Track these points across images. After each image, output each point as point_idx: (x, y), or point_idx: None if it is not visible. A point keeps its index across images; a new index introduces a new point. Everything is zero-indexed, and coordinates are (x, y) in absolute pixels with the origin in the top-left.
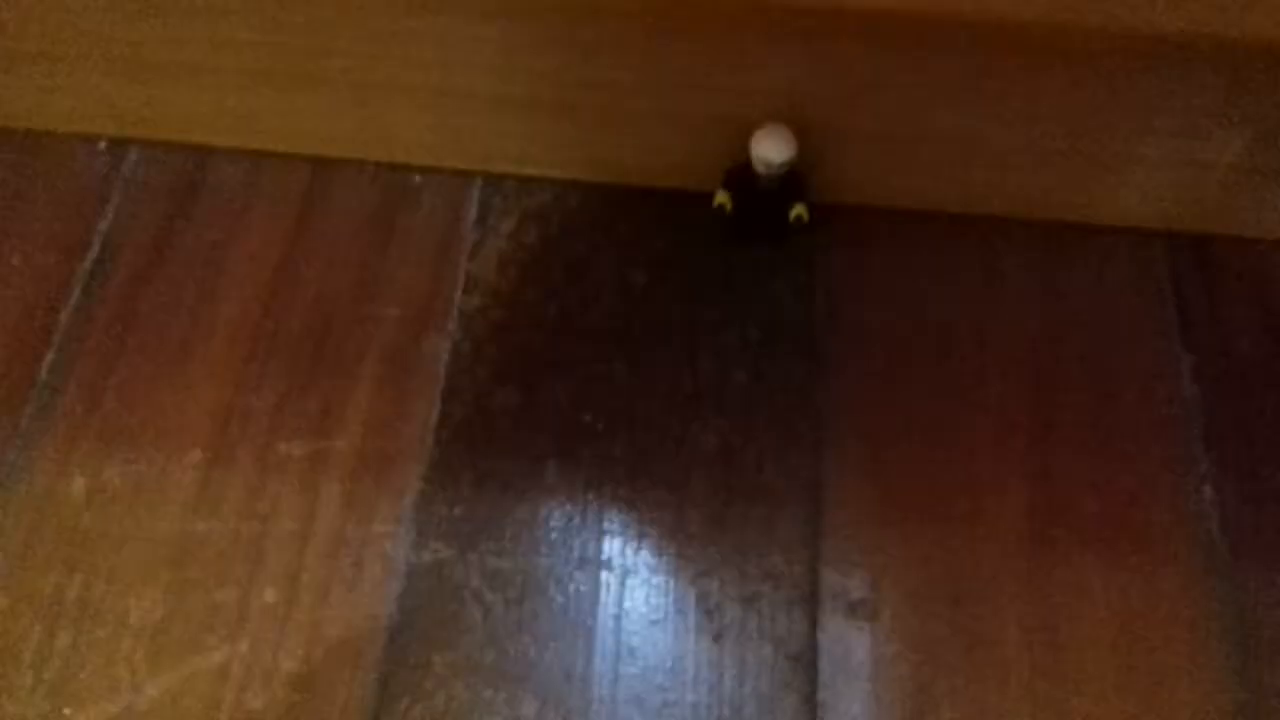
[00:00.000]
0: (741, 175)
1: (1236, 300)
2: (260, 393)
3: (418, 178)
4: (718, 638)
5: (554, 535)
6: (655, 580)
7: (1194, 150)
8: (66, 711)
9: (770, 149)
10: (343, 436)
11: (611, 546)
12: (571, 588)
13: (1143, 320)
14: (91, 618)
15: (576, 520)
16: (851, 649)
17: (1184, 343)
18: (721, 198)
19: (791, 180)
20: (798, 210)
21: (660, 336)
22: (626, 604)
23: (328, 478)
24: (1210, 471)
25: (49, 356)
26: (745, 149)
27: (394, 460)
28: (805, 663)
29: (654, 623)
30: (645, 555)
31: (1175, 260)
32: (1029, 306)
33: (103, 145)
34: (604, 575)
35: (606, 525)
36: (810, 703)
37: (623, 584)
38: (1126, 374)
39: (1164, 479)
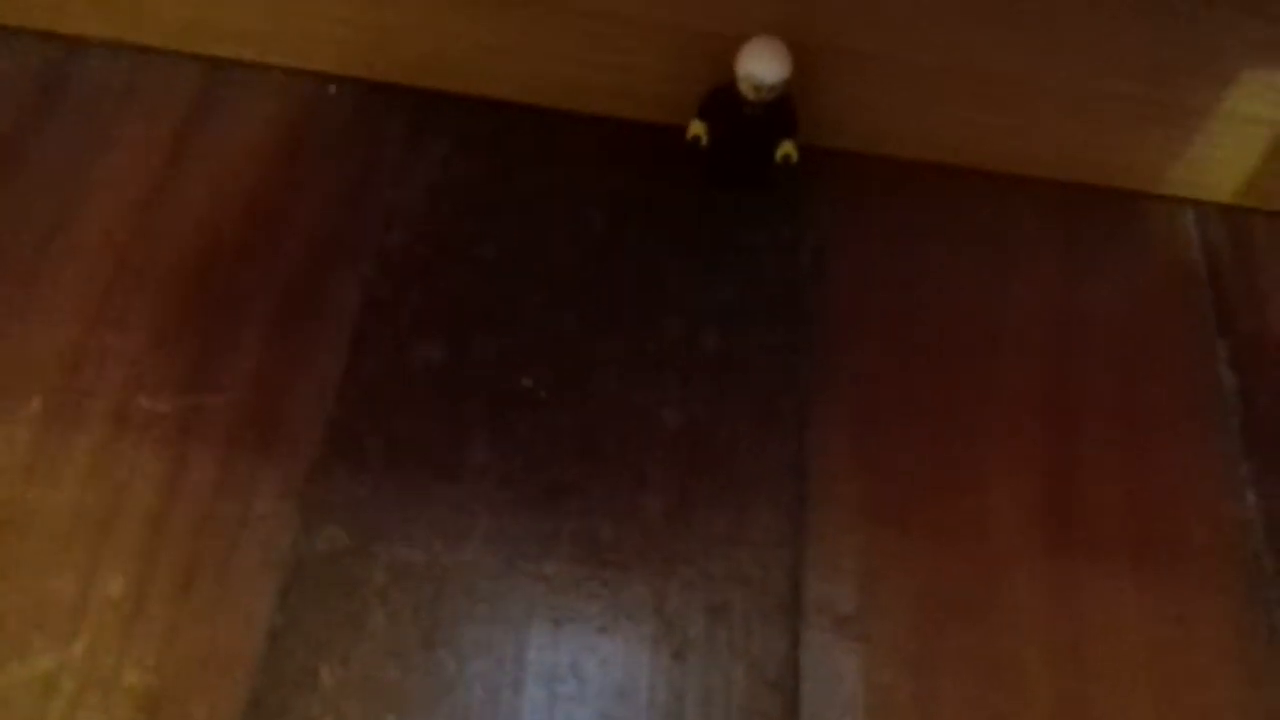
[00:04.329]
0: (721, 101)
1: (1277, 279)
2: (122, 333)
3: (333, 88)
4: (678, 654)
5: (480, 524)
6: (602, 579)
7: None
8: None
9: (760, 65)
10: (222, 391)
11: (550, 539)
12: (499, 589)
13: (1174, 299)
14: None
15: (509, 507)
16: (840, 673)
17: (1219, 326)
18: (697, 129)
19: (781, 110)
20: (786, 148)
21: (618, 290)
22: (567, 608)
23: (200, 441)
24: (1252, 475)
25: None
26: (728, 69)
27: (285, 423)
28: (785, 689)
29: (600, 631)
30: (592, 550)
31: (1208, 234)
32: (1048, 278)
33: None
34: (540, 571)
35: (545, 513)
36: None
37: (563, 584)
38: (1156, 359)
39: (1200, 483)
